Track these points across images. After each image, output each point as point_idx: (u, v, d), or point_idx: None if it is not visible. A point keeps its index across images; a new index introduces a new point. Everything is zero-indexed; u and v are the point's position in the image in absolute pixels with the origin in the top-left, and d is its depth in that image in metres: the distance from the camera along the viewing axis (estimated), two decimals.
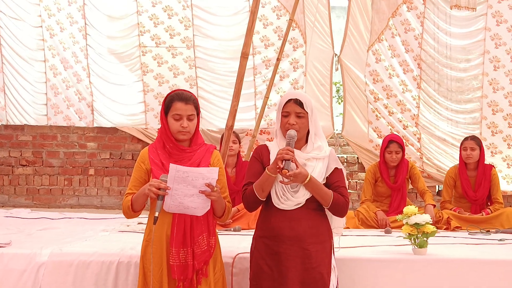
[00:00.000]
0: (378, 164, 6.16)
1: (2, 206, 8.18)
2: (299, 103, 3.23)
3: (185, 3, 7.98)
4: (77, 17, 8.14)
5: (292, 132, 3.17)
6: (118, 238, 4.82)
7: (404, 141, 6.67)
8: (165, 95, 8.48)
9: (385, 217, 5.79)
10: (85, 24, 8.11)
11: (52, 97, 8.41)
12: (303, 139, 3.29)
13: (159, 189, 3.00)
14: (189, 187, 3.02)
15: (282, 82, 7.92)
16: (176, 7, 8.02)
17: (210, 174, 3.03)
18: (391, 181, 6.09)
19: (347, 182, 3.41)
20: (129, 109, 8.32)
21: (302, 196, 3.19)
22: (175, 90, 3.31)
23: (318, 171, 3.23)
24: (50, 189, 8.51)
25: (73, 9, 8.14)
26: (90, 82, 8.26)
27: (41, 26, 8.24)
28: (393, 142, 6.02)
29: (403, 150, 6.05)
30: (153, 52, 8.12)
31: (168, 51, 8.13)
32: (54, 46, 8.29)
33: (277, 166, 3.07)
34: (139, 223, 5.57)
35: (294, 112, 3.23)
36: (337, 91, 10.20)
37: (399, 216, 4.28)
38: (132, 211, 3.20)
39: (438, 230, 4.85)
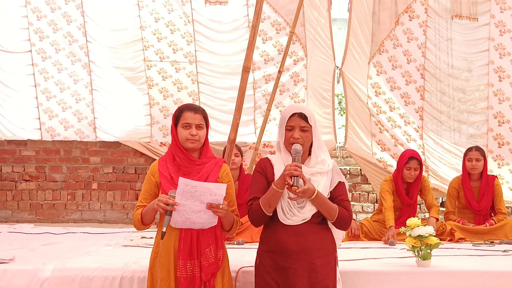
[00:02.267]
0: (393, 178, 6.06)
1: (6, 222, 8.18)
2: (303, 117, 3.23)
3: (187, 18, 8.01)
4: (78, 35, 8.08)
5: (298, 147, 3.16)
6: (122, 252, 4.81)
7: (401, 151, 6.62)
8: (170, 108, 8.48)
9: (394, 232, 5.63)
10: (87, 41, 8.06)
11: (46, 121, 8.30)
12: (306, 153, 3.28)
13: (167, 204, 3.03)
14: (197, 203, 3.05)
15: (282, 96, 7.89)
16: (178, 22, 8.05)
17: (218, 190, 3.06)
18: (406, 194, 6.01)
19: (350, 195, 3.41)
20: (135, 122, 8.30)
21: (308, 211, 3.19)
22: (184, 104, 3.41)
23: (323, 186, 3.23)
24: (53, 204, 8.51)
25: (72, 27, 8.07)
26: (93, 99, 8.21)
27: (30, 51, 8.11)
28: (413, 159, 5.91)
29: (421, 167, 5.98)
30: (157, 66, 8.15)
31: (172, 65, 8.15)
32: (47, 69, 8.17)
33: (286, 183, 3.06)
34: (142, 237, 5.57)
35: (298, 126, 3.22)
36: (339, 103, 10.20)
37: (402, 229, 4.27)
38: (142, 224, 3.25)
39: (442, 241, 4.83)
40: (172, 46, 8.10)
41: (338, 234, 3.41)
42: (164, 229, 3.04)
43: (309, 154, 3.30)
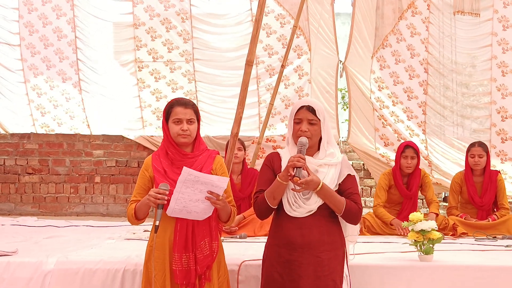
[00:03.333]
0: (392, 171, 6.11)
1: (9, 214, 8.20)
2: (311, 110, 3.22)
3: (184, 15, 7.74)
4: (67, 30, 7.82)
5: (303, 139, 3.15)
6: (124, 245, 4.83)
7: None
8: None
9: (400, 223, 5.66)
10: (76, 37, 7.81)
11: (39, 117, 8.26)
12: (315, 146, 3.27)
13: (158, 198, 3.06)
14: (196, 192, 3.06)
15: (287, 90, 7.82)
16: (175, 19, 7.77)
17: (220, 183, 3.07)
18: (405, 187, 6.04)
19: (359, 189, 3.38)
20: (127, 125, 8.19)
21: (314, 203, 3.17)
22: (174, 99, 3.42)
23: (330, 178, 3.21)
24: (56, 197, 8.53)
25: (62, 22, 7.80)
26: (83, 99, 8.06)
27: (19, 45, 7.93)
28: (409, 147, 5.98)
29: (418, 156, 6.01)
30: (149, 67, 7.89)
31: (166, 65, 7.89)
32: (37, 65, 7.99)
33: (289, 174, 3.06)
34: (145, 231, 5.58)
35: (306, 119, 3.21)
36: (343, 97, 10.19)
37: (405, 223, 4.27)
38: (135, 219, 3.28)
39: (444, 236, 4.83)
40: (167, 45, 7.84)
41: (352, 231, 3.40)
42: (157, 223, 3.07)
43: (319, 148, 3.29)
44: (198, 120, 3.33)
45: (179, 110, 3.27)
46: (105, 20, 7.83)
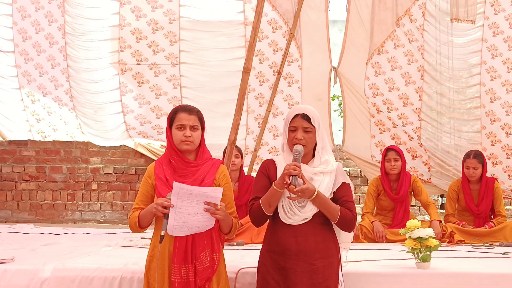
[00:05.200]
0: (380, 177, 6.19)
1: (5, 222, 8.19)
2: (306, 118, 3.23)
3: (173, 16, 7.34)
4: (58, 37, 7.57)
5: (299, 147, 3.16)
6: (121, 253, 4.81)
7: (403, 151, 6.65)
8: (146, 117, 7.88)
9: (382, 229, 5.81)
10: (65, 43, 7.52)
11: (35, 123, 8.12)
12: (310, 154, 3.28)
13: (165, 208, 3.01)
14: (193, 204, 3.01)
15: (275, 98, 7.48)
16: (162, 20, 7.35)
17: (214, 193, 3.03)
18: (393, 193, 6.10)
19: (353, 196, 3.40)
20: (112, 133, 8.01)
21: (309, 211, 3.18)
22: (179, 105, 3.41)
23: (325, 186, 3.22)
24: (53, 204, 8.52)
25: (53, 28, 7.55)
26: (74, 106, 7.86)
27: (13, 52, 7.71)
28: (390, 150, 6.13)
29: (401, 158, 6.08)
30: (133, 70, 7.50)
31: (150, 69, 7.49)
32: (30, 71, 7.78)
33: (284, 182, 3.06)
34: (142, 238, 5.58)
35: (301, 127, 3.23)
36: (340, 104, 10.17)
37: (402, 230, 4.28)
38: (139, 227, 3.23)
39: (441, 243, 4.84)
40: (153, 47, 7.42)
41: (346, 238, 3.41)
42: (162, 233, 3.02)
43: (314, 155, 3.30)
44: (203, 128, 3.31)
45: (182, 116, 3.25)
46: (93, 19, 7.49)
